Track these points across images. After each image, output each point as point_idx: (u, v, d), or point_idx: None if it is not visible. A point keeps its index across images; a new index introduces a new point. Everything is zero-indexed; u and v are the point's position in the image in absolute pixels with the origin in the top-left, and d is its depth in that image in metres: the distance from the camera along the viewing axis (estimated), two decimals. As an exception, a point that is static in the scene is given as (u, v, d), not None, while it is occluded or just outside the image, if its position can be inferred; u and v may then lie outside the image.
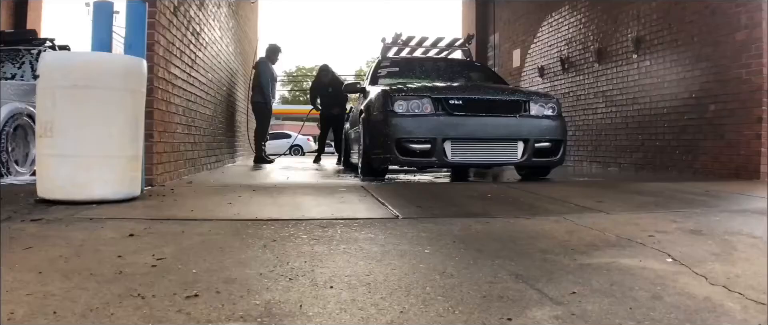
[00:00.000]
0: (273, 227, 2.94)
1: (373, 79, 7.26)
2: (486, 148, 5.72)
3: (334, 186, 5.01)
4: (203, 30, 7.03)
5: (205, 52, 7.18)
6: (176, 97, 5.77)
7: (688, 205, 3.83)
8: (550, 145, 5.92)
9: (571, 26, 9.99)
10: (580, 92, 9.72)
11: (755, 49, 6.21)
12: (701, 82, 6.96)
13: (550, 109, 6.01)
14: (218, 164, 8.33)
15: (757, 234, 2.74)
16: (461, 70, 7.82)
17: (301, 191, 4.54)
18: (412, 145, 5.64)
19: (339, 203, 3.79)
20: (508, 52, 12.81)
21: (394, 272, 2.06)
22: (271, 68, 10.23)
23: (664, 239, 2.60)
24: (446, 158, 5.61)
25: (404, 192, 4.47)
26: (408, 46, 8.44)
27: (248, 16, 12.21)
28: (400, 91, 5.82)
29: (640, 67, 8.12)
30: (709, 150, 6.84)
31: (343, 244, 2.51)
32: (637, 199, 4.11)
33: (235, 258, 2.33)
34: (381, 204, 3.71)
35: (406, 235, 2.67)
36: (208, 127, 7.58)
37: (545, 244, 2.48)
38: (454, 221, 3.02)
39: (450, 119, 5.60)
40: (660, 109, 7.69)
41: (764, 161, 6.19)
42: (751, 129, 6.26)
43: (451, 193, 4.45)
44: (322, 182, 5.74)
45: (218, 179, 6.04)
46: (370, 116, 6.16)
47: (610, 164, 8.78)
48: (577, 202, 3.86)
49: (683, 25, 7.27)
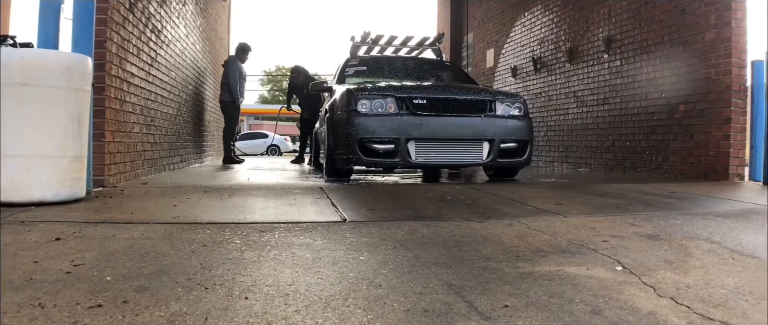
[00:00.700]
0: (209, 231, 2.77)
1: (340, 78, 7.09)
2: (450, 148, 5.58)
3: (292, 187, 4.83)
4: (165, 27, 6.82)
5: (167, 50, 6.97)
6: (133, 96, 5.56)
7: (650, 207, 3.71)
8: (516, 145, 5.79)
9: (544, 26, 9.90)
10: (551, 92, 9.64)
11: (724, 49, 6.14)
12: (671, 82, 6.89)
13: (516, 109, 5.89)
14: (183, 165, 8.11)
15: (715, 239, 2.61)
16: (431, 70, 7.67)
17: (255, 193, 4.36)
18: (376, 146, 5.49)
19: (288, 205, 3.61)
20: (482, 51, 12.71)
21: (319, 281, 1.89)
22: (240, 67, 10.04)
23: (618, 244, 2.46)
24: (410, 159, 5.46)
25: (362, 194, 4.31)
26: (377, 44, 8.27)
27: (219, 14, 11.99)
28: (363, 90, 5.66)
29: (610, 67, 8.04)
30: (678, 151, 6.77)
31: (276, 250, 2.34)
32: (599, 201, 3.98)
33: (157, 265, 2.17)
34: (332, 206, 3.55)
35: (346, 240, 2.51)
36: (171, 127, 7.36)
37: (490, 250, 2.33)
38: (402, 225, 2.87)
39: (414, 119, 5.46)
40: (630, 109, 7.61)
41: (733, 162, 6.13)
42: (720, 130, 6.19)
43: (411, 194, 4.29)
44: (282, 183, 5.55)
45: (176, 179, 5.83)
46: (334, 116, 5.99)
47: (581, 164, 8.70)
48: (536, 204, 3.72)
49: (653, 25, 7.19)
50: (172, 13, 7.16)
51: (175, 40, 7.44)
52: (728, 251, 2.37)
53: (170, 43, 7.12)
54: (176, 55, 7.50)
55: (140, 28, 5.74)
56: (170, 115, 7.27)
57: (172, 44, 7.19)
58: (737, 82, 6.10)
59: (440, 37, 8.09)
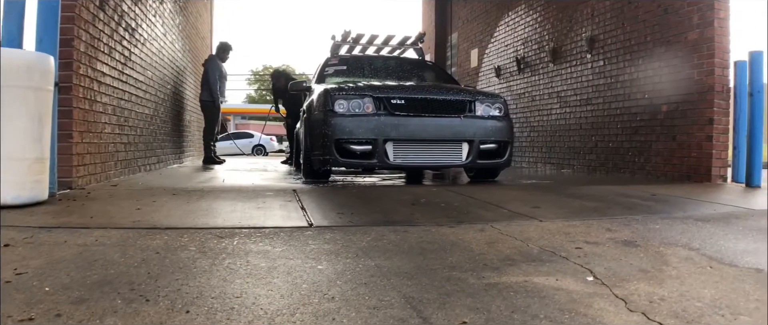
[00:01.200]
0: (166, 237, 2.63)
1: (319, 78, 6.96)
2: (429, 149, 5.46)
3: (265, 189, 4.70)
4: (140, 25, 6.66)
5: (143, 49, 6.80)
6: (104, 96, 5.40)
7: (629, 210, 3.61)
8: (495, 146, 5.69)
9: (527, 26, 9.82)
10: (535, 93, 9.55)
11: (707, 49, 6.07)
12: (654, 82, 6.81)
13: (496, 110, 5.78)
14: (160, 165, 7.94)
15: (694, 245, 2.51)
16: (412, 70, 7.56)
17: (225, 195, 4.22)
18: (353, 147, 5.36)
19: (256, 208, 3.47)
20: (466, 51, 12.62)
21: (269, 293, 1.76)
22: (221, 66, 9.89)
23: (591, 251, 2.35)
24: (388, 160, 5.34)
25: (335, 196, 4.18)
26: (358, 44, 8.14)
27: (200, 12, 11.80)
28: (340, 90, 5.53)
29: (593, 67, 7.96)
30: (661, 152, 6.70)
31: (231, 258, 2.21)
32: (577, 204, 3.88)
33: (103, 274, 2.04)
34: (301, 210, 3.42)
35: (307, 247, 2.38)
36: (148, 127, 7.19)
37: (457, 258, 2.21)
38: (370, 231, 2.74)
39: (391, 120, 5.33)
40: (613, 110, 7.54)
41: (715, 164, 6.06)
42: (703, 131, 6.12)
43: (385, 197, 4.17)
44: (257, 184, 5.41)
45: (149, 181, 5.67)
46: (311, 116, 5.86)
47: (564, 165, 8.62)
48: (513, 207, 3.61)
49: (636, 25, 7.12)
50: (148, 11, 7.00)
51: (152, 38, 7.27)
52: (706, 258, 2.27)
53: (146, 41, 6.95)
54: (153, 53, 7.34)
55: (112, 26, 5.58)
56: (146, 115, 7.10)
57: (148, 43, 7.03)
58: (720, 82, 6.03)
59: (421, 36, 7.98)
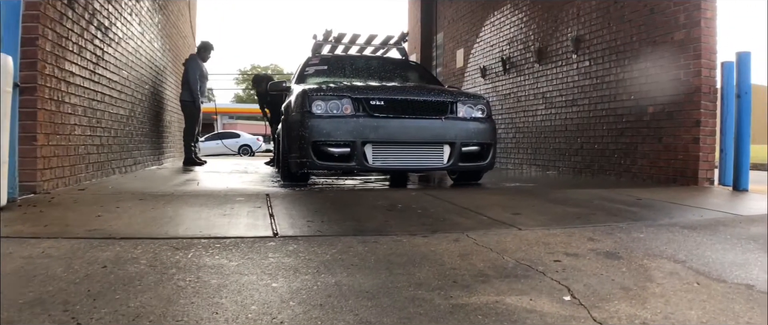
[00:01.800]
0: (119, 248, 2.45)
1: (299, 78, 6.78)
2: (409, 152, 5.30)
3: (238, 194, 4.51)
4: (114, 24, 6.45)
5: (117, 48, 6.60)
6: (73, 97, 5.20)
7: (613, 217, 3.47)
8: (478, 149, 5.54)
9: (513, 25, 9.69)
10: (520, 93, 9.42)
11: (693, 50, 5.95)
12: (640, 83, 6.69)
13: (478, 111, 5.63)
14: (137, 167, 7.73)
15: (679, 257, 2.36)
16: (394, 70, 7.39)
17: (194, 200, 4.03)
18: (330, 149, 5.19)
19: (222, 215, 3.30)
20: (451, 51, 12.48)
21: (212, 316, 1.59)
22: (202, 66, 9.69)
23: (571, 265, 2.20)
24: (367, 163, 5.18)
25: (309, 202, 4.01)
26: (340, 43, 7.97)
27: (182, 11, 11.58)
28: (318, 91, 5.36)
29: (579, 67, 7.83)
30: (647, 154, 6.57)
31: (181, 274, 2.03)
32: (560, 210, 3.73)
33: (40, 291, 1.87)
34: (269, 218, 3.24)
35: (266, 261, 2.21)
36: (123, 128, 6.98)
37: (426, 274, 2.04)
38: (337, 241, 2.57)
39: (370, 121, 5.17)
40: (599, 111, 7.41)
41: (702, 166, 5.94)
42: (689, 133, 6.00)
43: (361, 202, 3.99)
44: (231, 188, 5.23)
45: (121, 184, 5.47)
46: (289, 117, 5.69)
47: (550, 167, 8.49)
48: (492, 214, 3.45)
49: (622, 25, 7.00)
50: (122, 9, 6.79)
51: (128, 37, 7.06)
52: (693, 273, 2.12)
53: (121, 40, 6.74)
54: (129, 53, 7.13)
55: (82, 25, 5.38)
56: (121, 116, 6.89)
57: (123, 42, 6.82)
58: (707, 83, 5.91)
59: (404, 36, 7.82)
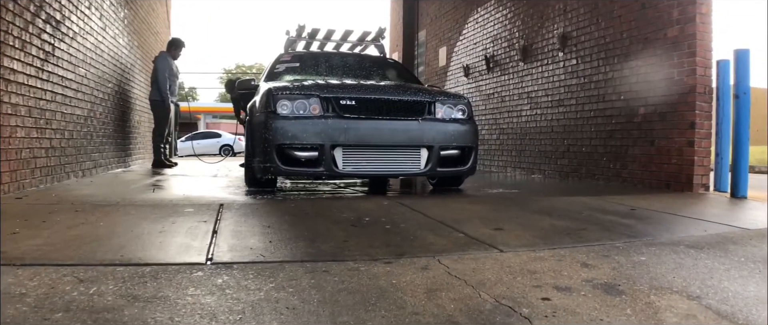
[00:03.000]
0: (12, 278, 1.99)
1: (268, 76, 6.31)
2: (383, 156, 4.86)
3: (191, 203, 4.05)
4: (68, 18, 5.96)
5: (73, 44, 6.11)
6: (14, 96, 4.71)
7: (607, 232, 3.05)
8: (458, 152, 5.11)
9: (497, 22, 9.27)
10: (504, 93, 9.01)
11: (688, 47, 5.56)
12: (630, 83, 6.30)
13: (459, 112, 5.20)
14: (99, 170, 7.23)
15: (693, 291, 1.94)
16: (371, 68, 6.95)
17: (136, 212, 3.56)
18: (297, 153, 4.75)
19: (158, 233, 2.83)
20: (434, 50, 12.05)
21: None
22: (172, 64, 9.21)
23: (563, 305, 1.77)
24: (336, 168, 4.73)
25: (265, 214, 3.55)
26: (315, 39, 7.51)
27: (153, 6, 11.05)
28: (284, 90, 4.90)
29: (566, 66, 7.43)
30: (638, 158, 6.19)
31: (68, 321, 1.58)
32: (547, 223, 3.30)
33: None
34: (211, 236, 2.78)
35: (181, 301, 1.75)
36: (80, 130, 6.48)
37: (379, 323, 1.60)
38: (280, 270, 2.12)
39: (340, 123, 4.72)
40: (587, 112, 7.02)
41: (697, 171, 5.56)
42: (683, 135, 5.62)
43: (325, 214, 3.54)
44: (187, 196, 4.75)
45: (68, 191, 4.98)
46: (253, 118, 5.23)
47: (535, 170, 8.09)
48: (471, 229, 3.02)
49: (612, 21, 6.60)
50: (79, 2, 6.29)
51: (86, 32, 6.56)
52: (714, 315, 1.70)
53: (77, 35, 6.25)
54: (87, 49, 6.63)
55: (27, 18, 4.89)
56: (78, 117, 6.39)
57: (79, 37, 6.32)
58: (702, 83, 5.53)
59: (382, 32, 7.37)
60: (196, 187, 5.85)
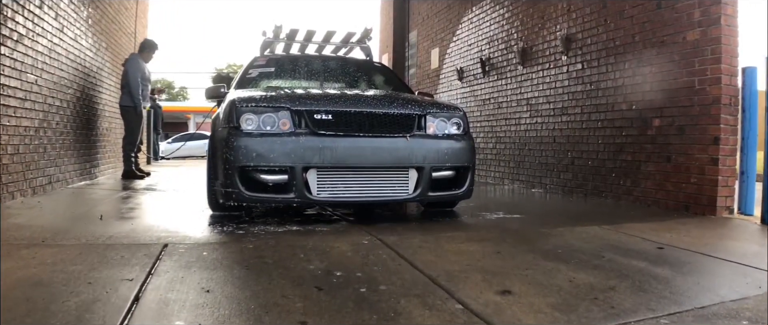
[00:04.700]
0: None
1: (240, 83, 5.61)
2: (365, 179, 4.16)
3: (129, 243, 3.36)
4: (13, 18, 5.26)
5: (18, 48, 5.40)
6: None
7: (642, 294, 2.38)
8: (452, 173, 4.44)
9: (493, 22, 8.60)
10: (501, 99, 8.34)
11: (711, 53, 4.91)
12: (643, 91, 5.65)
13: (453, 126, 4.52)
14: (56, 186, 6.52)
15: None
16: (355, 72, 6.26)
17: (53, 259, 2.85)
18: (263, 176, 4.06)
19: (62, 302, 2.14)
20: (426, 51, 11.37)
21: None
22: (143, 67, 8.52)
23: None
24: (310, 195, 4.04)
25: (213, 265, 2.85)
26: (294, 41, 6.81)
27: (124, 4, 10.31)
28: (250, 101, 4.20)
29: (570, 71, 6.77)
30: (652, 175, 5.53)
31: None
32: (565, 279, 2.61)
33: None
34: (122, 317, 2.10)
35: None
36: (30, 143, 5.76)
37: None
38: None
39: (315, 141, 4.03)
40: (593, 122, 6.36)
41: (721, 193, 4.91)
42: (706, 152, 4.97)
43: (286, 264, 2.83)
44: (132, 228, 4.06)
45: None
46: (215, 134, 4.53)
47: (535, 184, 7.42)
48: (471, 293, 2.33)
49: (622, 21, 5.94)
50: (27, 1, 5.58)
51: (36, 34, 5.85)
52: None
53: (24, 38, 5.53)
54: (38, 53, 5.91)
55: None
56: (27, 128, 5.68)
57: (26, 40, 5.59)
58: (727, 93, 4.89)
59: (368, 33, 6.68)
60: (152, 210, 5.16)
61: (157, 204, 5.61)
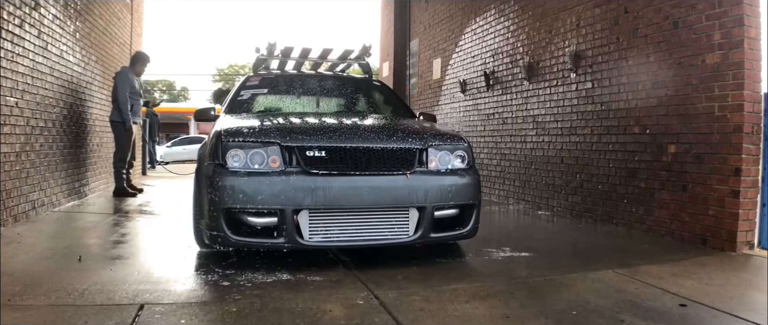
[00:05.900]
0: None
1: (230, 106, 5.29)
2: (361, 221, 3.84)
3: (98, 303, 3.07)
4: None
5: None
6: None
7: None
8: (456, 212, 4.12)
9: (498, 35, 8.28)
10: (506, 115, 8.03)
11: (733, 78, 4.60)
12: (658, 115, 5.33)
13: (457, 159, 4.20)
14: (41, 210, 6.23)
15: None
16: (354, 93, 5.95)
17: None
18: (250, 219, 3.76)
19: None
20: (427, 61, 11.05)
21: None
22: (133, 81, 8.23)
23: None
24: (301, 239, 3.73)
25: None
26: (289, 58, 6.48)
27: (117, 15, 10.00)
28: (237, 135, 3.89)
29: (579, 89, 6.45)
30: (666, 204, 5.22)
31: None
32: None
33: None
34: None
35: None
36: (10, 169, 5.47)
37: None
38: None
39: (307, 180, 3.71)
40: (604, 144, 6.04)
41: (742, 227, 4.60)
42: (725, 183, 4.66)
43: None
44: (110, 277, 3.77)
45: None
46: (201, 169, 4.23)
47: (541, 205, 7.11)
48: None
49: (635, 40, 5.62)
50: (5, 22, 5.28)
51: (16, 55, 5.55)
52: None
53: (2, 60, 5.24)
54: (19, 73, 5.62)
55: None
56: (6, 155, 5.39)
57: (3, 62, 5.29)
58: (750, 121, 4.57)
59: (367, 50, 6.36)
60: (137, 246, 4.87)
61: (144, 236, 5.31)
